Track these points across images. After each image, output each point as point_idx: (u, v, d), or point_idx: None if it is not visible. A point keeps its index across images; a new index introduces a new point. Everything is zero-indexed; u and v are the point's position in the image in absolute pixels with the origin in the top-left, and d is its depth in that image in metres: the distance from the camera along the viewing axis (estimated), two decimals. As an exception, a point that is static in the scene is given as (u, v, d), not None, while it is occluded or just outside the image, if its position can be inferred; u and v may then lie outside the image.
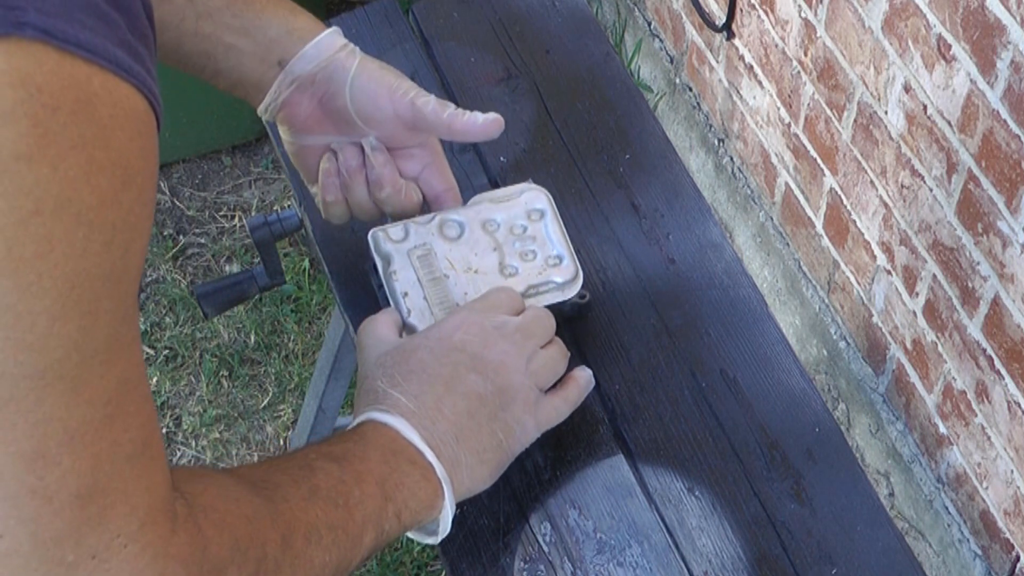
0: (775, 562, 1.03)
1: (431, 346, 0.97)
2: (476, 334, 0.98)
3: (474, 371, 0.96)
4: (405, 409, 0.93)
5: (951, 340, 1.81)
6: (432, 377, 0.95)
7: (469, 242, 1.10)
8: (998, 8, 1.51)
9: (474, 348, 0.97)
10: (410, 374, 0.95)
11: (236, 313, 2.46)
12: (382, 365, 0.97)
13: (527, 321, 1.01)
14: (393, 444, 0.91)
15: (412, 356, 0.96)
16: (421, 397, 0.94)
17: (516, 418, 0.97)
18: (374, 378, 0.96)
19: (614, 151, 1.27)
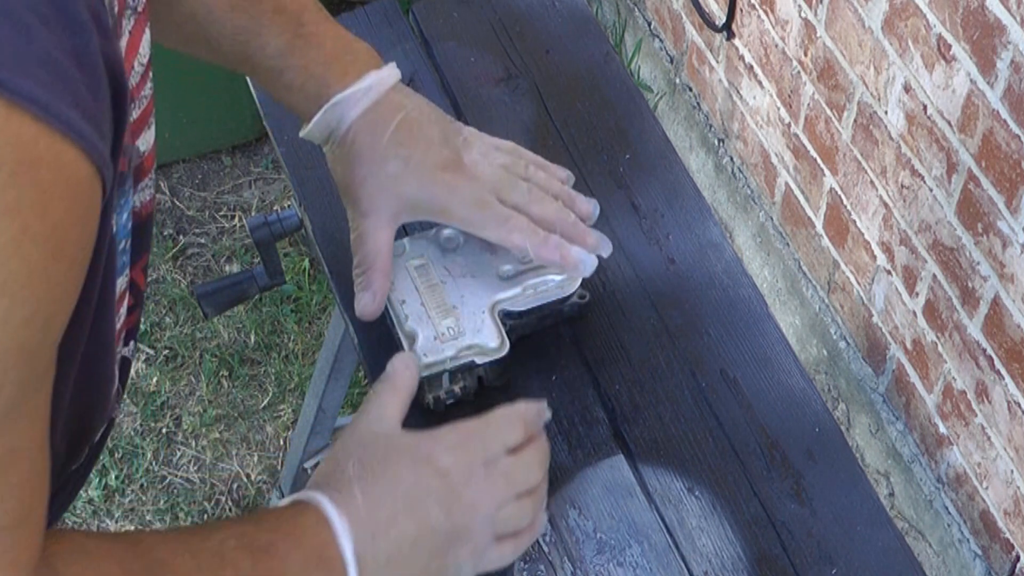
0: (775, 562, 1.03)
1: (415, 459, 0.90)
2: (464, 467, 0.91)
3: (441, 505, 0.89)
4: (357, 515, 0.86)
5: (951, 340, 1.81)
6: (399, 493, 0.88)
7: (465, 251, 1.11)
8: (998, 8, 1.51)
9: (454, 480, 0.90)
10: (381, 478, 0.88)
11: (236, 313, 2.46)
12: (362, 445, 0.91)
13: (518, 466, 0.93)
14: (322, 551, 0.85)
15: (392, 459, 0.90)
16: (379, 509, 0.87)
17: (457, 561, 0.91)
18: (347, 452, 0.90)
19: (614, 151, 1.27)
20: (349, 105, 1.04)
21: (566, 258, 1.07)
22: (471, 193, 1.05)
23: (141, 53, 0.83)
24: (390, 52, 1.34)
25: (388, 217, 1.05)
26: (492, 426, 0.94)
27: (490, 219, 1.06)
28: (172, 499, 2.26)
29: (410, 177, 1.04)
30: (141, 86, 0.83)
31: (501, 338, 1.07)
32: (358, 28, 1.36)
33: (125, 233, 0.77)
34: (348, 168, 1.05)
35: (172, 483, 2.28)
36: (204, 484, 2.28)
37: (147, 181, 0.85)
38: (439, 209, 1.06)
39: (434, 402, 1.08)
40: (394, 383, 0.96)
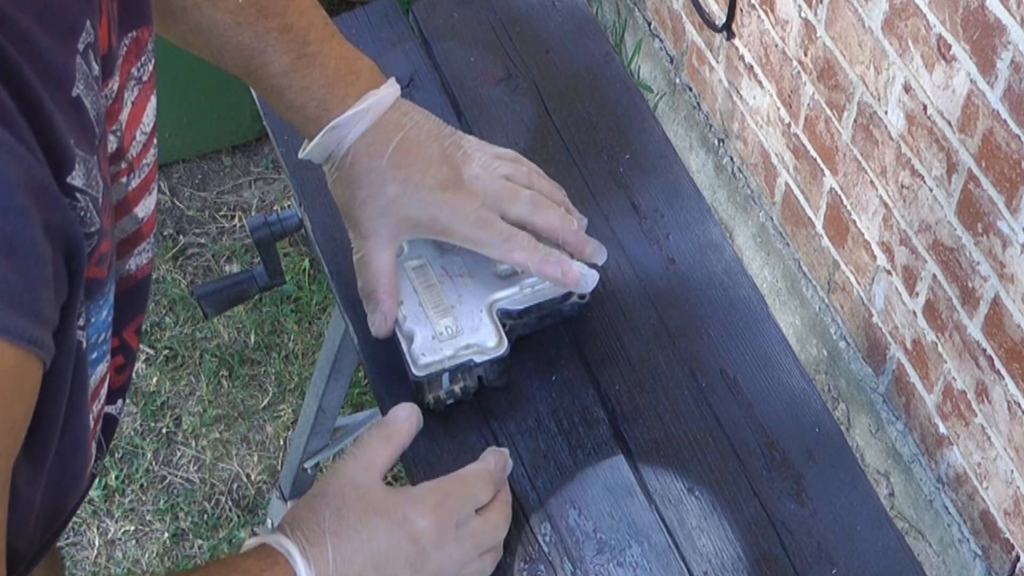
0: (775, 562, 1.03)
1: (392, 521, 0.91)
2: (437, 532, 0.92)
3: (411, 567, 0.91)
4: (323, 569, 0.87)
5: (951, 340, 1.81)
6: (371, 552, 0.89)
7: (463, 251, 1.11)
8: (998, 8, 1.51)
9: (426, 545, 0.92)
10: (354, 534, 0.89)
11: (236, 313, 2.46)
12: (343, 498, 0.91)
13: (486, 527, 0.96)
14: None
15: (369, 518, 0.91)
16: (347, 565, 0.88)
17: None
18: (326, 504, 0.91)
19: (614, 151, 1.27)
20: (347, 128, 1.04)
21: (567, 274, 1.07)
22: (472, 212, 1.06)
23: (144, 123, 0.83)
24: (390, 52, 1.34)
25: (389, 238, 1.06)
26: (466, 486, 0.96)
27: (492, 238, 1.06)
28: (172, 499, 2.26)
29: (410, 199, 1.04)
30: (143, 155, 0.83)
31: (499, 337, 1.07)
32: (358, 28, 1.36)
33: (105, 326, 0.78)
34: (348, 191, 1.05)
35: (172, 483, 2.28)
36: (204, 484, 2.28)
37: (145, 245, 0.86)
38: (440, 229, 1.06)
39: (434, 402, 1.08)
40: (388, 433, 0.97)
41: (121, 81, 0.78)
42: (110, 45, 0.75)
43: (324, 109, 1.05)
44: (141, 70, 0.81)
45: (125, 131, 0.80)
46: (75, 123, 0.68)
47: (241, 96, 2.39)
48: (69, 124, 0.67)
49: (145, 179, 0.84)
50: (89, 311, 0.74)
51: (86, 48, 0.69)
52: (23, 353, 0.63)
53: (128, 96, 0.80)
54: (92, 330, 0.75)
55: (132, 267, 0.85)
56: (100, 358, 0.79)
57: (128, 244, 0.84)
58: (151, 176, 0.85)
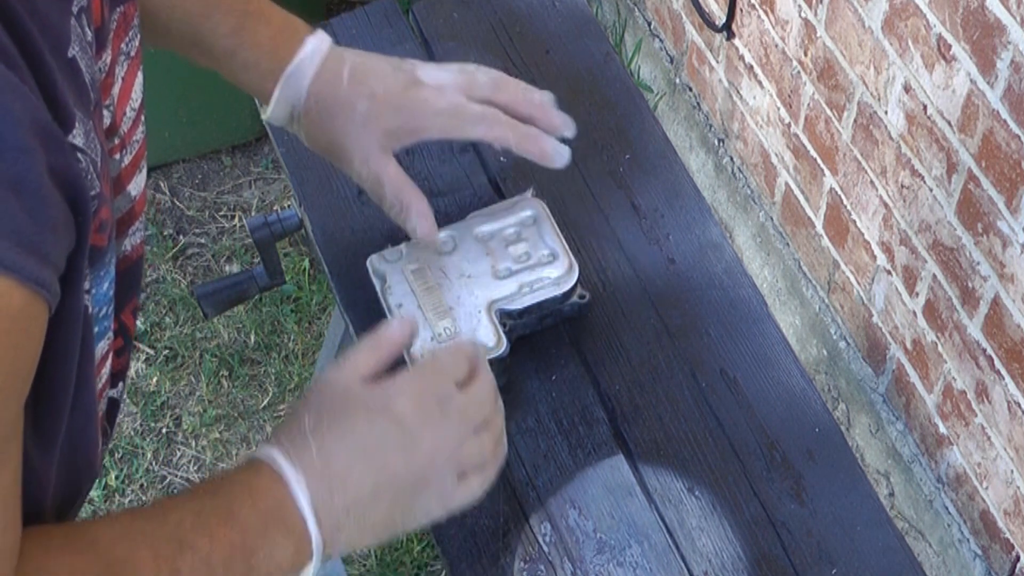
0: (775, 562, 1.03)
1: (370, 409, 0.89)
2: (419, 409, 0.90)
3: (402, 450, 0.89)
4: (311, 467, 0.85)
5: (951, 340, 1.81)
6: (355, 443, 0.87)
7: (462, 252, 1.12)
8: (998, 8, 1.51)
9: (412, 425, 0.89)
10: (336, 428, 0.87)
11: (236, 313, 2.46)
12: (320, 397, 0.90)
13: (470, 401, 0.92)
14: (279, 509, 0.84)
15: (348, 411, 0.89)
16: (334, 459, 0.86)
17: (424, 506, 0.91)
18: (307, 406, 0.89)
19: (614, 151, 1.27)
20: (303, 73, 1.06)
21: (544, 149, 1.09)
22: (442, 102, 1.08)
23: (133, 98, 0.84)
24: (390, 52, 1.34)
25: (381, 150, 1.07)
26: (439, 363, 0.93)
27: (467, 121, 1.08)
28: (172, 499, 2.26)
29: (382, 108, 1.06)
30: (133, 131, 0.84)
31: (498, 337, 1.07)
32: (358, 28, 1.36)
33: (107, 299, 0.78)
34: (323, 129, 1.07)
35: (172, 483, 2.28)
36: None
37: (137, 225, 0.86)
38: (417, 127, 1.07)
39: (434, 402, 1.08)
40: (377, 341, 0.94)
41: (112, 55, 0.79)
42: (103, 18, 0.76)
43: (277, 60, 1.07)
44: (129, 45, 0.82)
45: (117, 106, 0.81)
46: (72, 84, 0.68)
47: (241, 96, 2.38)
48: (67, 83, 0.67)
49: (136, 156, 0.85)
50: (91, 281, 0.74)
51: (79, 11, 0.70)
52: (30, 294, 0.63)
53: (119, 71, 0.81)
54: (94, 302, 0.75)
55: (127, 247, 0.86)
56: (102, 333, 0.79)
57: (123, 224, 0.85)
58: (141, 153, 0.86)
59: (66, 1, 0.69)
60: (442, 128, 1.08)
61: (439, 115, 1.07)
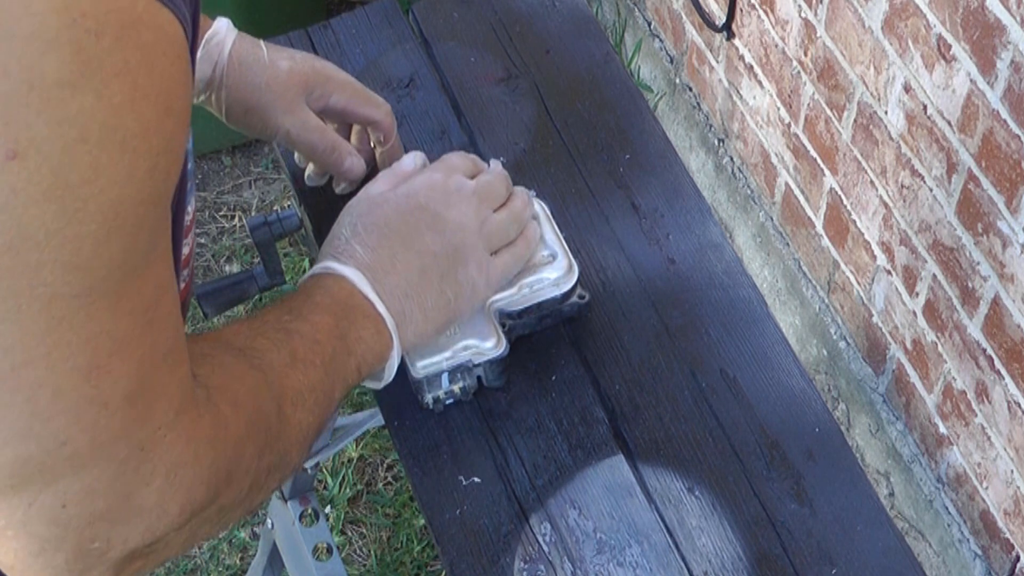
0: (775, 562, 1.03)
1: (397, 202, 1.02)
2: (439, 194, 1.03)
3: (432, 230, 1.01)
4: (361, 261, 0.98)
5: (951, 340, 1.81)
6: (392, 232, 1.00)
7: None
8: (998, 8, 1.51)
9: (436, 207, 1.02)
10: (372, 227, 1.00)
11: (236, 313, 2.45)
12: (350, 213, 1.02)
13: (483, 184, 1.06)
14: (351, 299, 0.97)
15: (378, 210, 1.01)
16: (378, 251, 0.99)
17: (468, 278, 1.03)
18: (341, 224, 1.02)
19: (614, 151, 1.27)
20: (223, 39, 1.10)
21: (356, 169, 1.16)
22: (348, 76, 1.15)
23: None
24: (390, 52, 1.34)
25: (303, 104, 1.12)
26: (446, 162, 1.08)
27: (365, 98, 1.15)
28: (172, 499, 2.26)
29: (302, 66, 1.12)
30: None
31: (498, 337, 1.07)
32: (358, 28, 1.36)
33: (190, 170, 0.82)
34: (246, 86, 1.11)
35: (172, 483, 2.28)
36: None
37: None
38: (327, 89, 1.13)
39: (433, 402, 1.08)
40: (393, 172, 1.07)
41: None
42: None
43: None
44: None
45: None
46: None
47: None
48: None
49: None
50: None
51: None
52: (182, 32, 0.65)
53: None
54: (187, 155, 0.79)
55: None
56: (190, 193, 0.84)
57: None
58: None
59: None
60: (348, 95, 1.14)
61: (349, 84, 1.14)
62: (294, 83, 1.11)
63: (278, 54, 1.12)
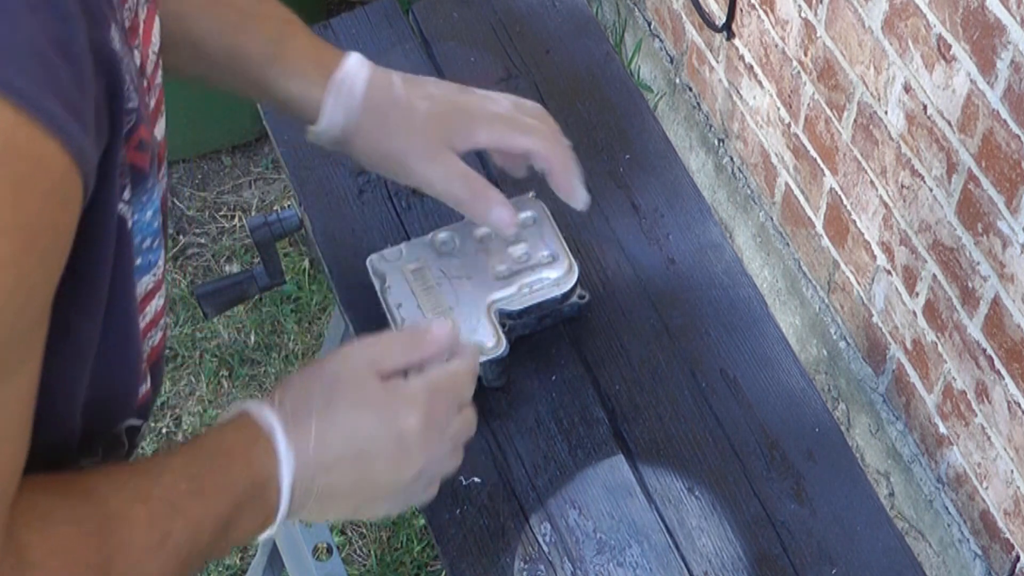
0: (775, 562, 1.03)
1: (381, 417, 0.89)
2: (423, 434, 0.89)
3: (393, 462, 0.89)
4: (303, 451, 0.85)
5: (951, 340, 1.81)
6: (352, 443, 0.87)
7: (462, 254, 1.12)
8: (998, 8, 1.51)
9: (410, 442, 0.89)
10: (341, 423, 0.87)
11: (236, 313, 2.46)
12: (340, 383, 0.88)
13: (463, 425, 0.93)
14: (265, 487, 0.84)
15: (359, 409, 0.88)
16: (327, 450, 0.86)
17: (389, 507, 0.92)
18: (322, 386, 0.88)
19: (614, 151, 1.27)
20: (356, 77, 1.03)
21: (574, 184, 1.08)
22: (496, 107, 1.07)
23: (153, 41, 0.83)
24: (390, 52, 1.34)
25: (446, 150, 1.04)
26: (456, 386, 0.93)
27: (520, 129, 1.06)
28: (172, 499, 2.26)
29: (441, 107, 1.04)
30: (155, 74, 0.83)
31: (498, 337, 1.07)
32: (358, 28, 1.36)
33: (152, 230, 0.76)
34: (383, 132, 1.04)
35: (172, 483, 2.28)
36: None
37: (164, 169, 0.85)
38: (474, 129, 1.05)
39: (434, 402, 1.08)
40: (413, 342, 0.92)
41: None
42: None
43: (323, 67, 1.04)
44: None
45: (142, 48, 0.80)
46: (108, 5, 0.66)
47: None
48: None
49: (158, 100, 0.83)
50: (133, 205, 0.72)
51: None
52: (71, 164, 0.60)
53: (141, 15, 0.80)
54: (138, 229, 0.74)
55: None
56: (146, 267, 0.77)
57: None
58: (161, 96, 0.84)
59: None
60: (497, 132, 1.06)
61: (495, 120, 1.06)
62: (434, 127, 1.04)
63: (415, 91, 1.04)
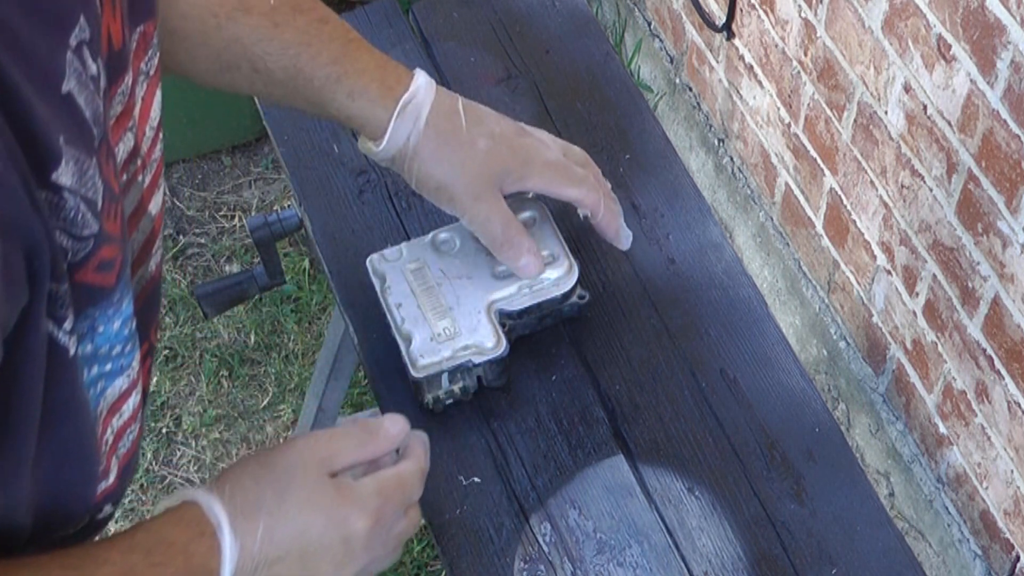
0: (775, 562, 1.03)
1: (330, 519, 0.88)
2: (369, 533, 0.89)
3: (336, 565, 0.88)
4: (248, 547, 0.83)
5: (951, 340, 1.81)
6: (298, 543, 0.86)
7: (461, 254, 1.12)
8: (998, 8, 1.51)
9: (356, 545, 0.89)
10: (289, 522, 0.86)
11: (236, 313, 2.46)
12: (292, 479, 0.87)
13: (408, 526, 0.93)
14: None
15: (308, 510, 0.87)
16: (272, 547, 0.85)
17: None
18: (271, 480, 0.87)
19: (614, 151, 1.27)
20: (421, 102, 1.03)
21: (619, 230, 1.12)
22: (551, 153, 1.08)
23: (152, 116, 0.82)
24: (390, 52, 1.34)
25: (497, 192, 1.06)
26: (405, 489, 0.93)
27: (570, 179, 1.08)
28: (172, 499, 2.26)
29: (501, 148, 1.05)
30: (152, 150, 0.82)
31: (498, 337, 1.07)
32: (358, 28, 1.36)
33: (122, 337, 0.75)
34: (439, 163, 1.04)
35: (172, 483, 2.28)
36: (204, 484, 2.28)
37: (158, 243, 0.84)
38: (527, 173, 1.07)
39: (433, 402, 1.08)
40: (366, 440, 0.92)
41: (133, 76, 0.77)
42: (123, 41, 0.74)
43: (387, 87, 1.03)
44: (148, 64, 0.81)
45: (138, 127, 0.79)
46: (66, 120, 0.65)
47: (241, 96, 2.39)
48: (58, 120, 0.64)
49: (155, 174, 0.83)
50: (95, 320, 0.72)
51: (79, 45, 0.67)
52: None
53: (139, 91, 0.79)
54: (102, 339, 0.73)
55: (152, 268, 0.84)
56: (118, 371, 0.76)
57: (147, 246, 0.83)
58: (159, 171, 0.84)
59: (61, 33, 0.66)
60: (547, 179, 1.08)
61: (547, 166, 1.07)
62: (490, 168, 1.05)
63: (478, 129, 1.05)
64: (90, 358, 0.73)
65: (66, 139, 0.65)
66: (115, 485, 0.82)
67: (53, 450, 0.73)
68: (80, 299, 0.69)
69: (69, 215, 0.65)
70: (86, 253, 0.67)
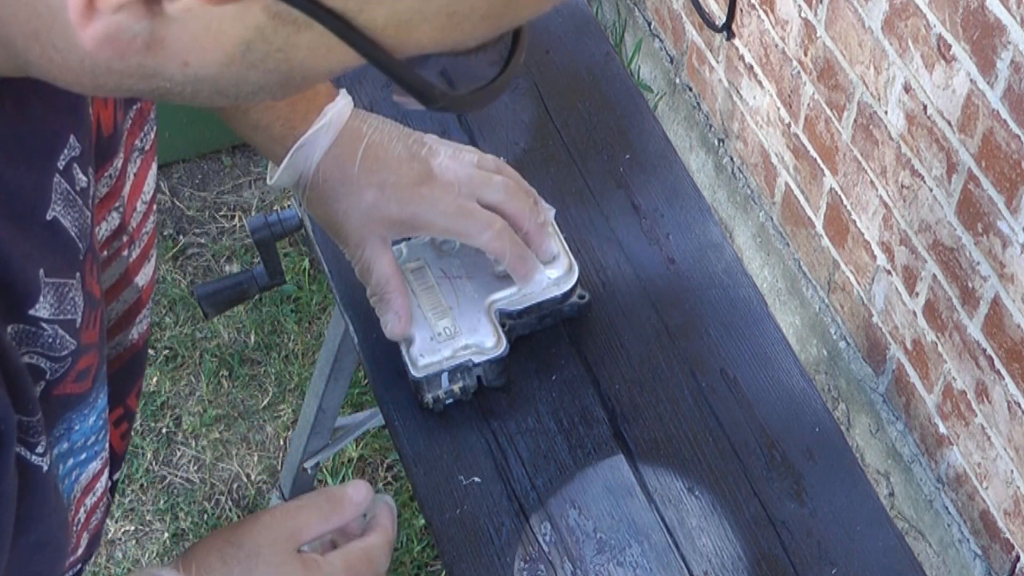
0: (775, 562, 1.03)
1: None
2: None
3: None
4: None
5: (951, 340, 1.81)
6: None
7: (462, 253, 1.12)
8: (998, 8, 1.51)
9: None
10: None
11: (236, 313, 2.46)
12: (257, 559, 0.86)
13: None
14: None
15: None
16: None
17: None
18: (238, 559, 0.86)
19: (614, 151, 1.27)
20: (314, 145, 1.04)
21: (530, 277, 1.10)
22: (451, 202, 1.06)
23: (144, 191, 0.81)
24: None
25: (380, 241, 1.06)
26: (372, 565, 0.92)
27: (473, 226, 1.06)
28: (172, 499, 2.26)
29: (389, 201, 1.04)
30: (143, 224, 0.81)
31: (498, 337, 1.07)
32: (358, 28, 1.36)
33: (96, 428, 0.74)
34: (326, 206, 1.05)
35: (172, 483, 2.28)
36: (204, 484, 2.28)
37: (144, 312, 0.84)
38: (423, 224, 1.06)
39: (433, 402, 1.08)
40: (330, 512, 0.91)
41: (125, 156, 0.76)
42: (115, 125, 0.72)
43: (290, 127, 1.04)
44: (144, 140, 0.79)
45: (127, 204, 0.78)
46: (50, 247, 0.63)
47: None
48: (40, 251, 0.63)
49: (144, 247, 0.82)
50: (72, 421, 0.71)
51: (68, 163, 0.65)
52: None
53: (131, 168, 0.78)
54: (78, 435, 0.72)
55: (134, 336, 0.83)
56: (92, 457, 0.76)
57: (129, 315, 0.82)
58: (150, 243, 0.83)
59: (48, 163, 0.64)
60: (445, 228, 1.06)
61: (445, 216, 1.06)
62: (374, 221, 1.04)
63: (369, 178, 1.04)
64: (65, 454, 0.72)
65: (47, 270, 0.63)
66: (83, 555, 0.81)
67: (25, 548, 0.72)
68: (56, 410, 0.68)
69: (47, 341, 0.64)
70: (64, 370, 0.66)
